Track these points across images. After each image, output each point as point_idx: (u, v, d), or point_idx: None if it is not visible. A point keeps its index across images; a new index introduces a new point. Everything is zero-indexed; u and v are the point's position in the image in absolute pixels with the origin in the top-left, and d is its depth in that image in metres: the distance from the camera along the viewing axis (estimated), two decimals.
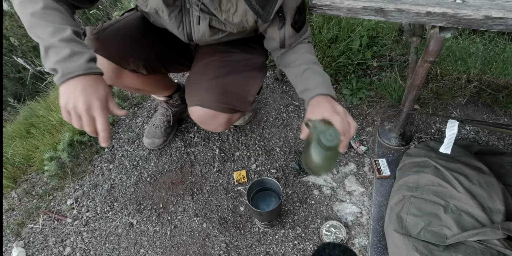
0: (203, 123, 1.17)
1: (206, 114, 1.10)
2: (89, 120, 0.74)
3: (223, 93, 1.09)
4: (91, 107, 0.73)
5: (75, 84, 0.73)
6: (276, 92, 1.83)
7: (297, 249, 1.32)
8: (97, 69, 0.77)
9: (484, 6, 0.89)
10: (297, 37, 1.03)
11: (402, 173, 1.38)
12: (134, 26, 1.14)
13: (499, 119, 1.69)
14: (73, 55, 0.74)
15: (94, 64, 0.77)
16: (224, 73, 1.12)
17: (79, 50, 0.75)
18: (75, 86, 0.73)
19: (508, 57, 1.82)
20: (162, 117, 1.60)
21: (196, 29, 1.00)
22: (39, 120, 1.79)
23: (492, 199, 1.15)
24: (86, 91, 0.73)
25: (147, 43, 1.14)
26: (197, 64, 1.21)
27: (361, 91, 1.73)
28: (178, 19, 0.98)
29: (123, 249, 1.36)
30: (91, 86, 0.74)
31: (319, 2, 0.96)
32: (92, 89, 0.74)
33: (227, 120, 1.15)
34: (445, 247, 1.10)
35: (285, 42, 1.03)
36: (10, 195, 1.55)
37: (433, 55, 1.09)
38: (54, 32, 0.75)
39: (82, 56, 0.75)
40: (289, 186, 1.49)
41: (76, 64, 0.73)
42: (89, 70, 0.74)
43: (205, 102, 1.08)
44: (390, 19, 0.95)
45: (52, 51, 0.74)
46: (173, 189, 1.51)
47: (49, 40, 0.75)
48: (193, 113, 1.13)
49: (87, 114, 0.73)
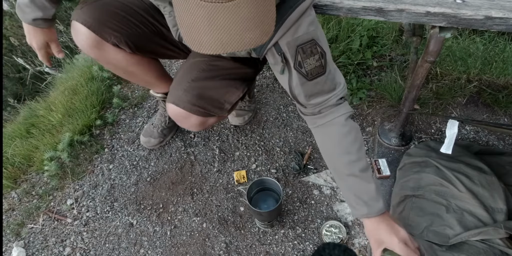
0: (177, 121, 1.17)
1: (179, 113, 1.11)
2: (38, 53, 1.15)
3: (199, 96, 1.09)
4: (33, 46, 1.12)
5: (26, 27, 1.08)
6: (276, 92, 1.83)
7: (297, 249, 1.32)
8: (40, 25, 1.06)
9: (484, 6, 0.89)
10: (311, 87, 0.86)
11: (402, 173, 1.38)
12: (125, 5, 1.14)
13: (499, 119, 1.69)
14: (27, 8, 1.01)
15: (40, 22, 1.05)
16: (206, 76, 1.12)
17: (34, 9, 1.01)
18: (26, 29, 1.08)
19: (508, 57, 1.82)
20: (160, 118, 1.60)
21: None
22: (39, 120, 1.79)
23: (494, 199, 1.15)
24: (30, 34, 1.09)
25: (133, 21, 1.14)
26: (188, 60, 1.21)
27: (361, 91, 1.73)
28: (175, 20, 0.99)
29: (123, 249, 1.36)
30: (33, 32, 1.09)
31: (319, 2, 0.96)
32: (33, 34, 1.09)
33: (200, 122, 1.15)
34: (448, 247, 1.10)
35: (294, 93, 0.88)
36: (10, 195, 1.55)
37: (433, 55, 1.09)
38: None
39: (31, 13, 1.02)
40: (289, 186, 1.49)
41: (25, 17, 1.03)
42: (32, 24, 1.05)
43: (180, 101, 1.09)
44: (390, 19, 0.95)
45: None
46: (173, 189, 1.51)
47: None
48: (168, 110, 1.13)
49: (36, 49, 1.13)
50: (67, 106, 1.77)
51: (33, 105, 1.94)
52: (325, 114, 0.90)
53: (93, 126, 1.71)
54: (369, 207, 0.87)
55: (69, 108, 1.76)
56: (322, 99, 0.88)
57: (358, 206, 0.89)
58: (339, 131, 0.90)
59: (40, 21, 1.05)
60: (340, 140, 0.90)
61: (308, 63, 0.84)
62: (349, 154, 0.89)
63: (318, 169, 1.53)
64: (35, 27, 1.06)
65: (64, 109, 1.76)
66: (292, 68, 0.84)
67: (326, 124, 0.91)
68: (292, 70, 0.85)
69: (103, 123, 1.73)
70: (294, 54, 0.82)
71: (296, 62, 0.83)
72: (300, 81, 0.85)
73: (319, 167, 1.54)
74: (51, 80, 2.40)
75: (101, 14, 1.08)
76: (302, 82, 0.86)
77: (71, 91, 1.85)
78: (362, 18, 1.38)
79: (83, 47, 1.13)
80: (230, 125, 1.69)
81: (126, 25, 1.12)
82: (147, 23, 1.18)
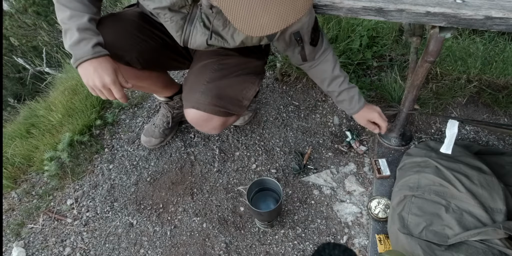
0: (197, 125, 1.18)
1: (201, 116, 1.10)
2: (108, 93, 0.95)
3: (218, 96, 1.09)
4: (105, 83, 0.92)
5: (87, 67, 0.91)
6: (276, 92, 1.83)
7: (297, 249, 1.32)
8: (103, 51, 0.93)
9: (484, 6, 0.89)
10: (316, 50, 1.14)
11: (402, 173, 1.38)
12: (130, 20, 1.14)
13: (499, 119, 1.69)
14: (81, 41, 0.90)
15: (100, 48, 0.93)
16: (221, 76, 1.12)
17: (87, 37, 0.90)
18: (88, 68, 0.91)
19: (508, 57, 1.82)
20: (162, 118, 1.60)
21: (193, 39, 1.01)
22: (39, 120, 1.79)
23: (493, 199, 1.15)
24: (98, 71, 0.91)
25: (141, 37, 1.14)
26: (194, 66, 1.20)
27: (361, 91, 1.73)
28: (179, 24, 0.98)
29: (123, 249, 1.36)
30: (99, 66, 0.91)
31: (319, 2, 0.96)
32: (101, 68, 0.91)
33: (222, 123, 1.16)
34: (447, 247, 1.10)
35: (306, 57, 1.14)
36: (10, 195, 1.55)
37: (433, 55, 1.09)
38: (71, 17, 0.91)
39: (89, 42, 0.90)
40: (289, 186, 1.49)
41: (83, 50, 0.90)
42: (96, 54, 0.91)
43: (200, 104, 1.09)
44: (390, 19, 0.95)
45: (67, 34, 0.91)
46: (173, 189, 1.51)
47: (67, 24, 0.91)
48: (188, 115, 1.13)
49: (105, 88, 0.94)
50: (67, 106, 1.77)
51: (33, 105, 1.94)
52: (319, 59, 1.18)
53: (93, 126, 1.71)
54: (359, 104, 1.24)
55: (69, 108, 1.76)
56: (321, 52, 1.16)
57: (352, 106, 1.25)
58: (329, 65, 1.18)
59: (99, 47, 0.93)
60: (331, 71, 1.18)
61: (316, 36, 1.07)
62: (339, 77, 1.20)
63: (318, 169, 1.53)
64: (99, 58, 0.92)
65: (64, 109, 1.76)
66: (308, 44, 1.08)
67: (320, 63, 1.19)
68: (307, 46, 1.08)
69: (103, 123, 1.73)
70: (310, 35, 1.04)
71: (310, 40, 1.06)
72: (311, 49, 1.11)
73: (319, 167, 1.54)
74: (51, 80, 2.40)
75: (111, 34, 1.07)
76: (311, 51, 1.12)
77: (71, 91, 1.85)
78: (362, 18, 1.38)
79: None
80: (230, 125, 1.69)
81: (136, 42, 1.12)
82: (154, 37, 1.17)
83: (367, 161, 1.54)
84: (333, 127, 1.68)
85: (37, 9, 4.74)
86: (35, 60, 3.26)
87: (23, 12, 4.43)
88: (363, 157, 1.56)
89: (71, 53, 0.91)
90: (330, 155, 1.58)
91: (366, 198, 1.43)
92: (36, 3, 4.77)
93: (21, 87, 4.31)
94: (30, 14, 4.51)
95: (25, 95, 3.45)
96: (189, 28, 0.98)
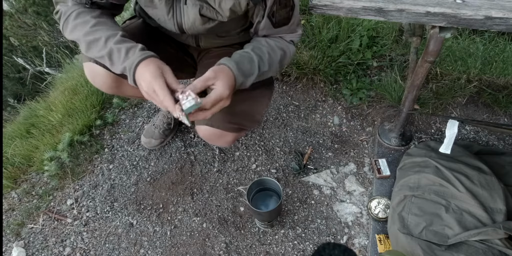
0: (210, 140, 1.15)
1: (214, 133, 1.08)
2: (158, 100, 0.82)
3: (232, 113, 1.06)
4: (154, 89, 0.81)
5: (138, 76, 0.84)
6: (276, 92, 1.83)
7: (297, 249, 1.32)
8: (149, 53, 0.87)
9: (484, 6, 0.89)
10: (274, 32, 1.01)
11: (402, 173, 1.38)
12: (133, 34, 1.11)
13: (499, 119, 1.69)
14: (129, 51, 0.87)
15: (146, 50, 0.88)
16: None
17: (131, 45, 0.88)
18: (139, 77, 0.84)
19: (508, 57, 1.82)
20: (163, 119, 1.60)
21: (186, 16, 0.98)
22: (39, 120, 1.79)
23: (493, 199, 1.15)
24: (145, 77, 0.82)
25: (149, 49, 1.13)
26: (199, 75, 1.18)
27: (361, 91, 1.73)
28: (168, 4, 0.96)
29: (123, 249, 1.36)
30: (147, 70, 0.82)
31: (319, 2, 0.96)
32: (148, 73, 0.82)
33: (234, 138, 1.13)
34: (447, 247, 1.10)
35: (258, 31, 1.02)
36: (10, 195, 1.55)
37: (433, 55, 1.09)
38: (107, 40, 0.89)
39: (136, 48, 0.87)
40: (289, 186, 1.49)
41: (134, 57, 0.85)
42: (143, 56, 0.85)
43: (214, 122, 1.05)
44: (390, 19, 0.95)
45: (114, 55, 0.88)
46: (173, 189, 1.51)
47: (107, 47, 0.88)
48: (201, 132, 1.10)
49: (154, 95, 0.82)
50: (67, 106, 1.77)
51: (33, 105, 1.94)
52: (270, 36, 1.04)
53: (93, 126, 1.71)
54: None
55: (69, 108, 1.76)
56: (277, 36, 1.04)
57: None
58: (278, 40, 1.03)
59: (145, 50, 0.89)
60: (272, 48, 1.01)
61: (279, 14, 0.96)
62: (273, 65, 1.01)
63: (318, 169, 1.53)
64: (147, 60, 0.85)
65: (64, 109, 1.76)
66: (266, 14, 0.95)
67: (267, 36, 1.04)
68: (264, 17, 0.96)
69: (103, 123, 1.73)
70: (272, 4, 0.93)
71: (270, 11, 0.94)
72: (267, 26, 0.99)
73: (319, 167, 1.54)
74: (51, 80, 2.41)
75: None
76: (268, 27, 0.99)
77: (71, 91, 1.85)
78: (362, 18, 1.38)
79: (102, 88, 1.12)
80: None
81: None
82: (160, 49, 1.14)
83: (367, 161, 1.55)
84: (333, 127, 1.68)
85: (37, 9, 4.75)
86: (35, 60, 3.26)
87: (23, 12, 4.44)
88: (363, 157, 1.56)
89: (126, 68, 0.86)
90: (330, 155, 1.58)
91: (366, 198, 1.43)
92: (36, 3, 4.77)
93: (21, 87, 4.31)
94: (30, 14, 4.51)
95: (25, 95, 3.46)
96: (179, 5, 0.96)
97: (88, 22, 0.92)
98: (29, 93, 3.68)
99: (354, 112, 1.73)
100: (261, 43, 1.00)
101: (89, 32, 0.91)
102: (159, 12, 1.01)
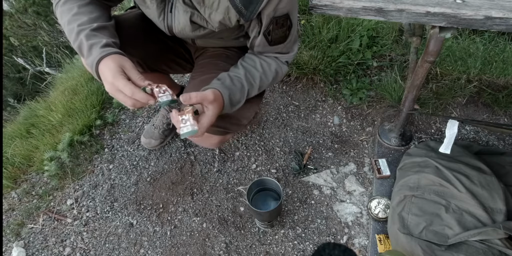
0: (196, 141, 1.18)
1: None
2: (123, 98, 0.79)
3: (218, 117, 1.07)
4: (118, 88, 0.78)
5: (101, 74, 0.80)
6: (276, 92, 1.83)
7: (297, 249, 1.32)
8: (110, 50, 0.82)
9: (484, 6, 0.89)
10: (269, 49, 1.00)
11: (402, 173, 1.38)
12: (132, 23, 1.13)
13: (499, 119, 1.69)
14: (92, 47, 0.82)
15: (108, 48, 0.83)
16: None
17: (95, 41, 0.83)
18: (101, 75, 0.80)
19: (508, 57, 1.82)
20: (162, 119, 1.60)
21: (176, 21, 0.97)
22: (39, 120, 1.79)
23: (493, 199, 1.15)
24: (105, 76, 0.79)
25: (143, 40, 1.13)
26: (196, 77, 1.17)
27: (361, 91, 1.73)
28: (160, 7, 0.95)
29: (123, 249, 1.36)
30: (107, 70, 0.79)
31: (319, 2, 0.96)
32: (108, 72, 0.78)
33: (220, 141, 1.15)
34: (447, 247, 1.10)
35: (254, 47, 1.01)
36: (10, 195, 1.55)
37: (433, 55, 1.09)
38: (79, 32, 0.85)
39: (98, 44, 0.82)
40: (289, 186, 1.49)
41: (95, 54, 0.81)
42: (103, 53, 0.80)
43: None
44: (390, 19, 0.95)
45: (83, 49, 0.84)
46: (173, 189, 1.51)
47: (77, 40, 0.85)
48: None
49: (118, 94, 0.79)
50: (67, 106, 1.77)
51: (33, 105, 1.94)
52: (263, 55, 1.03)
53: (93, 126, 1.71)
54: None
55: (69, 108, 1.76)
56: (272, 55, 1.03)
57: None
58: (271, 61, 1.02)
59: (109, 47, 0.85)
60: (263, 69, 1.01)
61: (275, 33, 0.95)
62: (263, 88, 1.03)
63: (318, 169, 1.53)
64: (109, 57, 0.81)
65: (64, 109, 1.76)
66: (262, 32, 0.95)
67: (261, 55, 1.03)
68: (260, 34, 0.95)
69: (103, 123, 1.73)
70: (268, 23, 0.92)
71: (267, 30, 0.94)
72: (263, 43, 0.98)
73: (319, 167, 1.54)
74: (51, 80, 2.41)
75: None
76: (264, 44, 0.99)
77: (71, 91, 1.85)
78: (362, 18, 1.38)
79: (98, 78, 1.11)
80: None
81: (138, 45, 1.10)
82: (156, 40, 1.16)
83: (367, 161, 1.55)
84: (333, 127, 1.68)
85: (37, 9, 4.75)
86: (35, 60, 3.26)
87: (23, 12, 4.44)
88: (363, 157, 1.56)
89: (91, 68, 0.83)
90: (330, 155, 1.58)
91: (366, 198, 1.43)
92: (36, 3, 4.77)
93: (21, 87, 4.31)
94: (30, 14, 4.51)
95: (25, 95, 3.45)
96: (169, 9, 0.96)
97: (71, 10, 0.90)
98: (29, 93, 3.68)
99: (354, 112, 1.73)
100: (255, 67, 1.00)
101: (70, 20, 0.88)
102: (151, 13, 1.00)
